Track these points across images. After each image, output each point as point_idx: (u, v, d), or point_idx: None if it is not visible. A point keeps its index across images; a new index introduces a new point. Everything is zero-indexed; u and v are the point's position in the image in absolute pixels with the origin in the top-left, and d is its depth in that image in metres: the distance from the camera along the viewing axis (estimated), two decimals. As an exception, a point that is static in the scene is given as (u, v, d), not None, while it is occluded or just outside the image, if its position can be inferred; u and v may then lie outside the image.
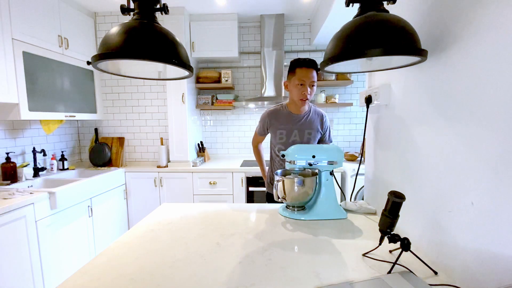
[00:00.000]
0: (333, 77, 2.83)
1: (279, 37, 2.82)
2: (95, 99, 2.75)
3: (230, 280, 0.73)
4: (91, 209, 2.22)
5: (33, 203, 1.70)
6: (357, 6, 0.79)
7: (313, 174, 1.23)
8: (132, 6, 0.85)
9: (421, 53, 0.70)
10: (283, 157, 1.24)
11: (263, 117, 1.67)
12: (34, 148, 2.26)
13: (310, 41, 3.04)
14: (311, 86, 1.47)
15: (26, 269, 1.66)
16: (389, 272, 0.73)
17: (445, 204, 0.75)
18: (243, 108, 3.17)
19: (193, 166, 2.70)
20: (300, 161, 1.18)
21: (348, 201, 1.28)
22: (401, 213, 0.76)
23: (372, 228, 1.06)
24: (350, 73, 2.28)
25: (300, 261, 0.82)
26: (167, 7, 0.83)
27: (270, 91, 2.86)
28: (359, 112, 3.12)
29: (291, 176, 1.22)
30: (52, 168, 2.44)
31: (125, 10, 0.84)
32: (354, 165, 2.53)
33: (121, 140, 2.92)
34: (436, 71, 0.79)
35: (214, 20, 2.76)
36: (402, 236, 0.76)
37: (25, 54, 1.95)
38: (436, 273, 0.74)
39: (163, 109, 2.92)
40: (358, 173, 1.28)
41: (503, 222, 0.58)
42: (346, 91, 3.14)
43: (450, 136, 0.73)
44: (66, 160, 2.58)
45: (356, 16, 0.77)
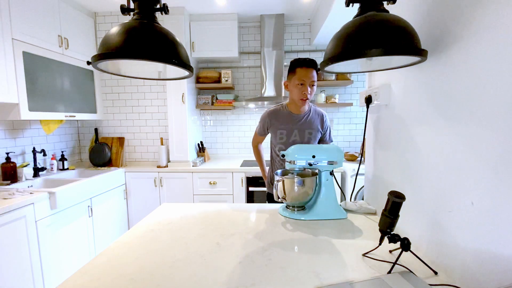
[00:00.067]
0: (333, 77, 2.83)
1: (279, 37, 2.83)
2: (95, 99, 2.75)
3: (230, 280, 0.73)
4: (91, 209, 2.22)
5: (33, 203, 1.70)
6: (357, 6, 0.79)
7: (313, 174, 1.23)
8: (132, 6, 0.85)
9: (421, 53, 0.70)
10: (283, 157, 1.24)
11: (263, 117, 1.67)
12: (34, 148, 2.26)
13: (310, 41, 3.04)
14: (311, 86, 1.47)
15: (26, 269, 1.67)
16: (389, 272, 0.73)
17: (445, 204, 0.75)
18: (243, 108, 3.18)
19: (193, 166, 2.70)
20: (300, 161, 1.18)
21: (348, 201, 1.28)
22: (401, 213, 0.76)
23: (372, 228, 1.06)
24: (350, 73, 2.28)
25: (300, 261, 0.82)
26: (167, 7, 0.83)
27: (270, 91, 2.86)
28: (359, 112, 3.12)
29: (291, 176, 1.22)
30: (52, 168, 2.44)
31: (125, 10, 0.84)
32: (354, 165, 2.53)
33: (121, 140, 2.92)
34: (436, 71, 0.79)
35: (214, 20, 2.76)
36: (402, 236, 0.76)
37: (25, 54, 1.95)
38: (436, 273, 0.75)
39: (163, 109, 2.92)
40: (358, 173, 1.28)
41: (503, 222, 0.58)
42: (346, 91, 3.14)
43: (450, 136, 0.74)
44: (66, 160, 2.58)
45: (356, 16, 0.77)
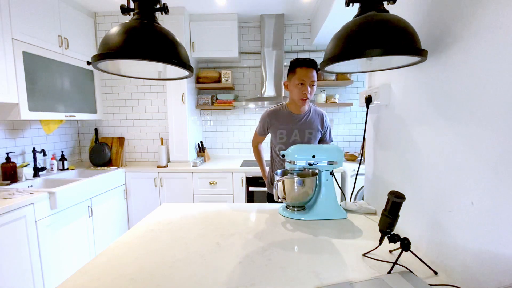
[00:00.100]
0: (333, 77, 2.83)
1: (279, 37, 2.83)
2: (95, 99, 2.75)
3: (230, 280, 0.73)
4: (91, 209, 2.22)
5: (33, 203, 1.70)
6: (357, 6, 0.79)
7: (313, 174, 1.23)
8: (132, 6, 0.85)
9: (421, 53, 0.70)
10: (283, 157, 1.24)
11: (263, 117, 1.67)
12: (34, 148, 2.26)
13: (310, 41, 3.04)
14: (311, 86, 1.47)
15: (26, 269, 1.66)
16: (389, 272, 0.73)
17: (445, 204, 0.75)
18: (243, 108, 3.17)
19: (193, 166, 2.70)
20: (300, 161, 1.18)
21: (348, 201, 1.28)
22: (401, 213, 0.76)
23: (372, 228, 1.06)
24: (350, 73, 2.28)
25: (300, 261, 0.82)
26: (167, 7, 0.83)
27: (270, 91, 2.86)
28: (359, 112, 3.12)
29: (291, 176, 1.22)
30: (52, 168, 2.44)
31: (125, 10, 0.84)
32: (354, 165, 2.53)
33: (121, 140, 2.92)
34: (436, 71, 0.79)
35: (214, 20, 2.76)
36: (402, 236, 0.76)
37: (25, 54, 1.95)
38: (436, 273, 0.75)
39: (163, 109, 2.92)
40: (358, 173, 1.28)
41: (503, 222, 0.58)
42: (346, 91, 3.14)
43: (450, 136, 0.74)
44: (66, 160, 2.58)
45: (356, 16, 0.77)
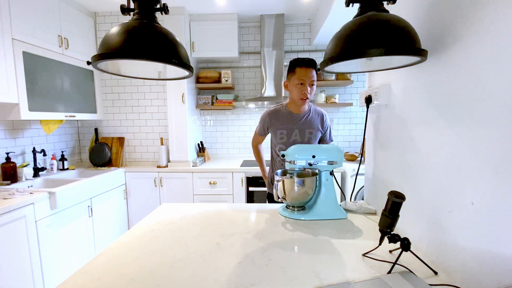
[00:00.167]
0: (333, 77, 2.83)
1: (279, 37, 2.83)
2: (95, 99, 2.75)
3: (230, 280, 0.73)
4: (91, 209, 2.22)
5: (33, 203, 1.70)
6: (357, 6, 0.79)
7: (313, 174, 1.23)
8: (132, 6, 0.85)
9: (421, 53, 0.70)
10: (283, 157, 1.24)
11: (263, 117, 1.67)
12: (34, 148, 2.26)
13: (310, 41, 3.04)
14: (311, 86, 1.47)
15: (26, 269, 1.66)
16: (389, 272, 0.73)
17: (445, 204, 0.75)
18: (243, 108, 3.17)
19: (193, 166, 2.70)
20: (300, 161, 1.18)
21: (348, 201, 1.28)
22: (401, 213, 0.76)
23: (372, 228, 1.06)
24: (350, 73, 2.27)
25: (300, 261, 0.82)
26: (167, 7, 0.83)
27: (270, 91, 2.86)
28: (359, 112, 3.12)
29: (291, 176, 1.22)
30: (52, 168, 2.44)
31: (125, 10, 0.84)
32: (354, 165, 2.53)
33: (121, 140, 2.92)
34: (436, 71, 0.79)
35: (214, 20, 2.76)
36: (402, 236, 0.76)
37: (25, 54, 1.95)
38: (436, 273, 0.74)
39: (163, 109, 2.92)
40: (358, 173, 1.28)
41: (503, 222, 0.58)
42: (346, 91, 3.14)
43: (450, 136, 0.73)
44: (66, 160, 2.58)
45: (356, 16, 0.77)
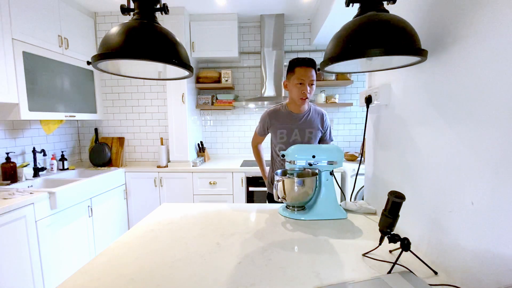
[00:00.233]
0: (333, 77, 2.83)
1: (279, 37, 2.83)
2: (95, 99, 2.75)
3: (230, 280, 0.73)
4: (91, 209, 2.22)
5: (33, 203, 1.70)
6: (357, 6, 0.79)
7: (313, 174, 1.23)
8: (132, 6, 0.85)
9: (421, 53, 0.70)
10: (283, 157, 1.24)
11: (263, 117, 1.67)
12: (34, 148, 2.26)
13: (310, 41, 3.04)
14: (310, 85, 1.47)
15: (26, 269, 1.66)
16: (389, 272, 0.73)
17: (445, 204, 0.75)
18: (243, 108, 3.17)
19: (193, 166, 2.70)
20: (300, 161, 1.18)
21: (348, 201, 1.28)
22: (401, 213, 0.76)
23: (372, 228, 1.06)
24: (350, 73, 2.27)
25: (300, 261, 0.82)
26: (167, 7, 0.83)
27: (270, 91, 2.86)
28: (359, 112, 3.12)
29: (291, 176, 1.22)
30: (52, 168, 2.44)
31: (125, 10, 0.84)
32: (354, 165, 2.53)
33: (121, 140, 2.92)
34: (436, 71, 0.79)
35: (214, 20, 2.76)
36: (402, 236, 0.76)
37: (25, 54, 1.95)
38: (436, 273, 0.74)
39: (163, 109, 2.92)
40: (358, 173, 1.28)
41: (503, 222, 0.58)
42: (346, 91, 3.14)
43: (450, 136, 0.73)
44: (66, 160, 2.58)
45: (356, 16, 0.77)
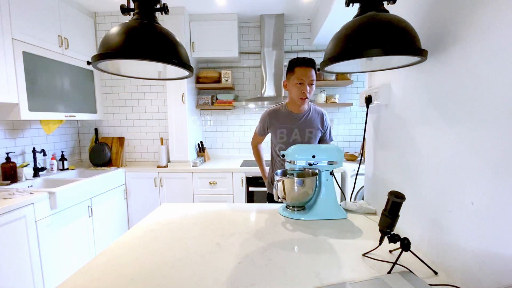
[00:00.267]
0: (333, 77, 2.83)
1: (279, 37, 2.83)
2: (95, 99, 2.75)
3: (230, 280, 0.73)
4: (91, 209, 2.22)
5: (33, 203, 1.70)
6: (357, 6, 0.79)
7: (313, 174, 1.23)
8: (132, 6, 0.84)
9: (421, 53, 0.70)
10: (283, 157, 1.24)
11: (263, 117, 1.67)
12: (34, 148, 2.26)
13: (310, 41, 3.04)
14: (310, 85, 1.47)
15: (26, 269, 1.66)
16: (389, 272, 0.73)
17: (445, 204, 0.75)
18: (243, 108, 3.17)
19: (193, 166, 2.70)
20: (300, 161, 1.18)
21: (348, 201, 1.28)
22: (401, 213, 0.76)
23: (372, 228, 1.06)
24: (350, 73, 2.27)
25: (300, 261, 0.82)
26: (167, 7, 0.83)
27: (270, 91, 2.86)
28: (359, 112, 3.12)
29: (291, 176, 1.22)
30: (52, 168, 2.44)
31: (125, 10, 0.84)
32: (354, 165, 2.53)
33: (121, 140, 2.92)
34: (436, 71, 0.79)
35: (214, 20, 2.76)
36: (402, 236, 0.76)
37: (25, 54, 1.95)
38: (436, 273, 0.74)
39: (163, 109, 2.92)
40: (358, 173, 1.28)
41: (503, 222, 0.58)
42: (346, 91, 3.14)
43: (450, 136, 0.73)
44: (66, 160, 2.58)
45: (356, 16, 0.77)
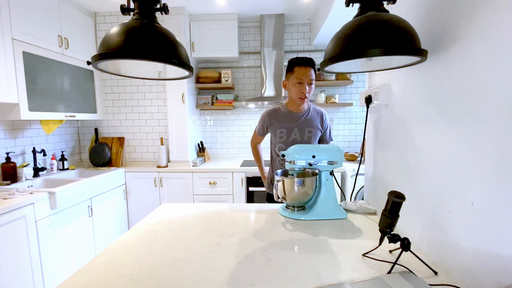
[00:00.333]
0: (333, 77, 2.83)
1: (279, 37, 2.83)
2: (95, 99, 2.75)
3: (230, 280, 0.73)
4: (91, 209, 2.22)
5: (33, 203, 1.70)
6: (357, 6, 0.79)
7: (313, 174, 1.23)
8: (132, 6, 0.85)
9: (421, 53, 0.70)
10: (283, 157, 1.24)
11: (263, 117, 1.67)
12: (34, 148, 2.26)
13: (310, 41, 3.04)
14: (309, 84, 1.47)
15: (26, 269, 1.66)
16: (389, 272, 0.73)
17: (445, 204, 0.75)
18: (243, 108, 3.17)
19: (193, 166, 2.70)
20: (300, 161, 1.18)
21: (348, 201, 1.28)
22: (401, 213, 0.76)
23: (372, 228, 1.06)
24: (350, 73, 2.27)
25: (300, 261, 0.82)
26: (167, 7, 0.83)
27: (270, 91, 2.86)
28: (359, 112, 3.12)
29: (291, 176, 1.22)
30: (52, 168, 2.44)
31: (125, 10, 0.84)
32: (354, 165, 2.53)
33: (121, 140, 2.92)
34: (436, 71, 0.79)
35: (214, 20, 2.76)
36: (402, 236, 0.76)
37: (25, 54, 1.95)
38: (436, 273, 0.74)
39: (163, 109, 2.92)
40: (358, 173, 1.28)
41: (503, 222, 0.58)
42: (346, 91, 3.14)
43: (450, 136, 0.74)
44: (66, 160, 2.58)
45: (356, 16, 0.77)
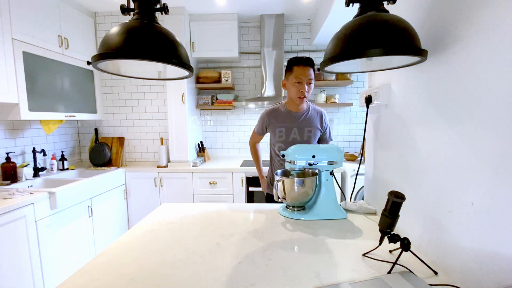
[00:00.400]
0: (333, 77, 2.83)
1: (279, 37, 2.83)
2: (95, 99, 2.75)
3: (230, 280, 0.73)
4: (91, 209, 2.22)
5: (33, 203, 1.70)
6: (357, 6, 0.79)
7: (313, 174, 1.23)
8: (132, 6, 0.84)
9: (421, 53, 0.70)
10: (283, 157, 1.24)
11: (262, 116, 1.67)
12: (34, 148, 2.26)
13: (310, 41, 3.04)
14: (308, 84, 1.47)
15: (26, 269, 1.66)
16: (389, 272, 0.73)
17: (445, 204, 0.75)
18: (243, 108, 3.17)
19: (193, 166, 2.70)
20: (300, 161, 1.18)
21: (348, 201, 1.28)
22: (401, 213, 0.76)
23: (372, 228, 1.06)
24: (350, 73, 2.27)
25: (300, 261, 0.82)
26: (167, 7, 0.83)
27: (270, 91, 2.86)
28: (359, 112, 3.12)
29: (291, 176, 1.22)
30: (52, 168, 2.44)
31: (125, 10, 0.84)
32: (354, 165, 2.53)
33: (121, 140, 2.92)
34: (436, 71, 0.80)
35: (214, 20, 2.76)
36: (402, 236, 0.76)
37: (25, 54, 1.95)
38: (436, 273, 0.75)
39: (163, 109, 2.92)
40: (358, 173, 1.28)
41: (503, 222, 0.58)
42: (346, 91, 3.14)
43: (450, 136, 0.74)
44: (66, 160, 2.58)
45: (356, 16, 0.77)
